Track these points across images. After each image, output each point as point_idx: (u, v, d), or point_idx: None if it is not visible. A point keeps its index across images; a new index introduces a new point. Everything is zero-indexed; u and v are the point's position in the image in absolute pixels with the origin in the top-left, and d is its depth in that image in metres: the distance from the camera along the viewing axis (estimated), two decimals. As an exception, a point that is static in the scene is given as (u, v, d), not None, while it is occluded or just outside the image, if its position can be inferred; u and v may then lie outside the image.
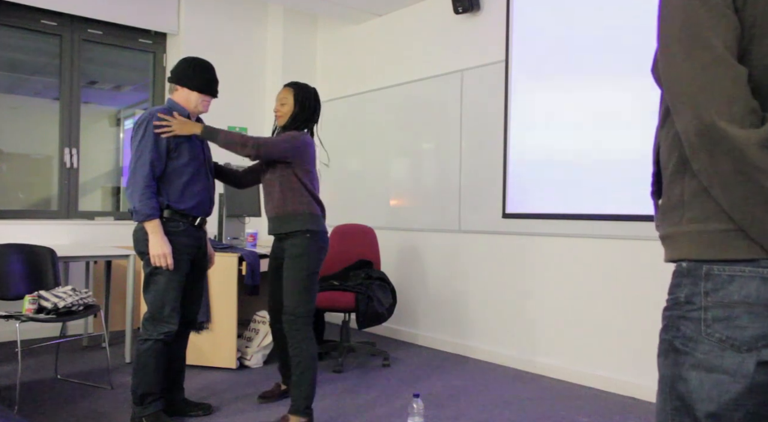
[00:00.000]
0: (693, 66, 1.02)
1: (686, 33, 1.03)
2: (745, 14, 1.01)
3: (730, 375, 1.02)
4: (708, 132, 1.00)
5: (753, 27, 1.01)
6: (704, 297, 1.05)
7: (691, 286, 1.07)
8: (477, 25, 4.56)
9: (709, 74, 1.00)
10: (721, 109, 0.99)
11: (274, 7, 5.81)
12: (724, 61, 0.99)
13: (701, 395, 1.04)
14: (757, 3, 1.00)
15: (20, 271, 3.57)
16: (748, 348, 1.01)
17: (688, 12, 1.03)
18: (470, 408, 3.32)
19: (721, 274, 1.03)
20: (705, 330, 1.05)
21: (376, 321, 4.06)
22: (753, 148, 0.96)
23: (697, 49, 1.01)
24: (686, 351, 1.06)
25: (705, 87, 1.00)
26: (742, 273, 1.02)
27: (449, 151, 4.73)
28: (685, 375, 1.06)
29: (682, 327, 1.08)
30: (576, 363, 3.86)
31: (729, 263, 1.03)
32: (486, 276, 4.44)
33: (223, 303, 3.93)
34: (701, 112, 1.00)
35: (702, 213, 1.06)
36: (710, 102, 1.00)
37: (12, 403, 3.15)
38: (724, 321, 1.03)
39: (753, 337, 1.01)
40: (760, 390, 1.01)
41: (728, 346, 1.02)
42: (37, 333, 4.61)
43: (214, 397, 3.40)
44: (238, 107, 5.54)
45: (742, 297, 1.01)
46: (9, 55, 4.90)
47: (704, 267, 1.05)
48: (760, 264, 1.01)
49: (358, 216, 5.26)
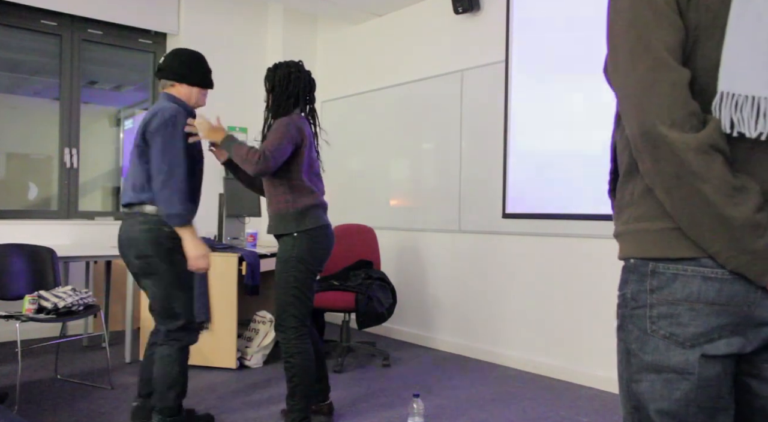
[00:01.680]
0: (636, 69, 1.04)
1: (630, 36, 1.05)
2: (689, 17, 1.02)
3: (678, 374, 1.04)
4: (649, 135, 1.02)
5: (697, 29, 1.02)
6: (649, 294, 1.07)
7: (637, 283, 1.09)
8: (477, 25, 4.56)
9: (650, 78, 1.02)
10: (661, 113, 1.00)
11: (274, 7, 5.81)
12: (665, 64, 1.01)
13: (653, 395, 1.07)
14: (700, 5, 1.01)
15: (20, 271, 3.57)
16: (691, 345, 1.03)
17: (633, 15, 1.05)
18: (470, 408, 3.32)
19: (665, 272, 1.06)
20: (650, 327, 1.07)
21: (376, 321, 4.05)
22: (690, 154, 0.98)
23: (639, 52, 1.03)
24: (636, 352, 1.09)
25: (646, 90, 1.02)
26: (685, 272, 1.04)
27: (449, 151, 4.73)
28: (637, 376, 1.09)
29: (630, 325, 1.11)
30: (576, 363, 3.86)
31: (673, 261, 1.05)
32: (486, 276, 4.44)
33: (223, 303, 3.93)
34: (642, 115, 1.03)
35: (648, 213, 1.09)
36: (651, 106, 1.02)
37: (12, 403, 3.14)
38: (668, 318, 1.05)
39: (695, 334, 1.03)
40: (709, 384, 1.04)
41: (673, 343, 1.05)
42: (37, 333, 4.61)
43: (214, 397, 3.40)
44: (238, 107, 5.53)
45: (685, 295, 1.04)
46: (9, 55, 4.90)
47: (650, 265, 1.07)
48: (701, 263, 1.03)
49: (358, 216, 5.26)
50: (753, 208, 0.98)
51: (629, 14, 1.05)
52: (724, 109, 1.00)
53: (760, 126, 0.99)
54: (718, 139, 0.98)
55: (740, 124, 0.99)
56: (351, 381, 3.80)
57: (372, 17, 5.45)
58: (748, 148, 1.02)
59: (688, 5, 1.02)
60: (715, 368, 1.04)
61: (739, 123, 0.99)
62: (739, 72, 0.99)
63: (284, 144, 2.66)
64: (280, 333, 2.76)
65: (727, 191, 0.98)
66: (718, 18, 1.00)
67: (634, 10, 1.04)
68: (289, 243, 2.75)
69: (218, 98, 5.52)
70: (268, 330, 4.08)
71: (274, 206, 2.78)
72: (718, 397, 1.05)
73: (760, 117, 0.99)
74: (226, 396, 3.43)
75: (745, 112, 0.99)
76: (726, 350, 1.03)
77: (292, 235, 2.74)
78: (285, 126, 2.71)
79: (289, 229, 2.75)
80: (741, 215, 0.97)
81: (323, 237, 2.80)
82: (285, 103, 2.83)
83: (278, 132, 2.68)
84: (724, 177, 0.98)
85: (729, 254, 1.00)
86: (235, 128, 5.48)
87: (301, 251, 2.73)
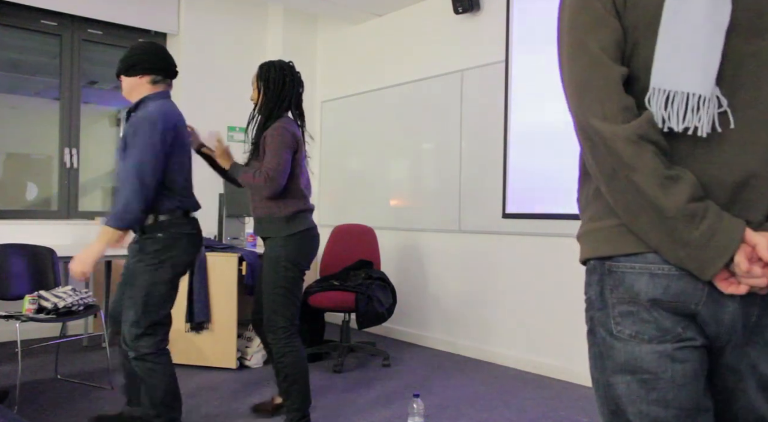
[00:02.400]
0: (573, 68, 1.08)
1: (569, 37, 1.09)
2: (627, 17, 1.05)
3: (652, 373, 1.03)
4: (584, 129, 1.05)
5: (636, 29, 1.05)
6: (610, 293, 1.08)
7: (597, 284, 1.10)
8: (477, 25, 4.56)
9: (585, 75, 1.05)
10: (593, 107, 1.03)
11: (274, 7, 5.81)
12: (598, 61, 1.04)
13: (630, 398, 1.06)
14: (637, 7, 1.04)
15: (20, 271, 3.58)
16: (659, 341, 1.03)
17: (572, 17, 1.09)
18: (470, 408, 3.32)
19: (618, 270, 1.06)
20: (616, 328, 1.07)
21: (376, 321, 4.05)
22: (620, 143, 1.00)
23: (577, 51, 1.07)
24: (608, 354, 1.09)
25: (581, 87, 1.06)
26: (633, 270, 1.04)
27: (449, 151, 4.73)
28: (612, 380, 1.08)
29: (598, 327, 1.11)
30: (576, 363, 3.86)
31: (624, 258, 1.05)
32: (486, 276, 4.44)
33: (223, 303, 3.93)
34: (578, 110, 1.06)
35: (598, 212, 1.10)
36: (584, 100, 1.05)
37: (12, 403, 3.14)
38: (630, 316, 1.05)
39: (660, 330, 1.03)
40: (685, 382, 1.03)
41: (640, 342, 1.04)
42: (37, 333, 4.61)
43: (214, 397, 3.40)
44: (238, 107, 5.53)
45: (636, 293, 1.04)
46: (9, 55, 4.90)
47: (606, 264, 1.08)
48: (647, 259, 1.03)
49: (358, 216, 5.26)
50: (686, 198, 0.97)
51: (569, 18, 1.09)
52: (654, 103, 1.02)
53: (687, 120, 1.00)
54: (649, 130, 1.00)
55: (668, 119, 1.01)
56: (351, 381, 3.80)
57: (372, 17, 5.45)
58: (691, 144, 1.03)
59: (625, 7, 1.05)
60: (689, 365, 1.02)
61: (667, 117, 1.01)
62: (669, 69, 1.01)
63: (283, 157, 2.68)
64: (270, 333, 2.76)
65: (659, 180, 0.98)
66: (654, 19, 1.03)
67: (573, 14, 1.09)
68: (278, 243, 2.76)
69: (218, 98, 5.54)
70: (268, 330, 4.08)
71: (263, 209, 2.79)
72: (698, 397, 1.03)
73: (688, 112, 1.00)
74: (226, 396, 3.43)
75: (674, 107, 1.01)
76: (695, 343, 1.03)
77: (281, 237, 2.76)
78: (280, 136, 2.69)
79: (278, 232, 2.76)
80: (673, 205, 0.97)
81: (310, 239, 2.83)
82: (278, 107, 2.82)
83: (274, 145, 2.68)
84: (655, 167, 0.99)
85: (668, 247, 0.99)
86: (235, 128, 5.48)
87: (289, 251, 2.75)
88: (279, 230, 2.76)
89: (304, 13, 5.86)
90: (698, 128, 1.00)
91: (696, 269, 0.98)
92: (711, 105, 1.00)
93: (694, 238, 0.97)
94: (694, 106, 1.00)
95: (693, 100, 1.00)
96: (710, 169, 1.02)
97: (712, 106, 1.00)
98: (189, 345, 3.93)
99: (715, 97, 1.00)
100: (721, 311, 1.01)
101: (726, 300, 1.01)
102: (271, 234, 2.79)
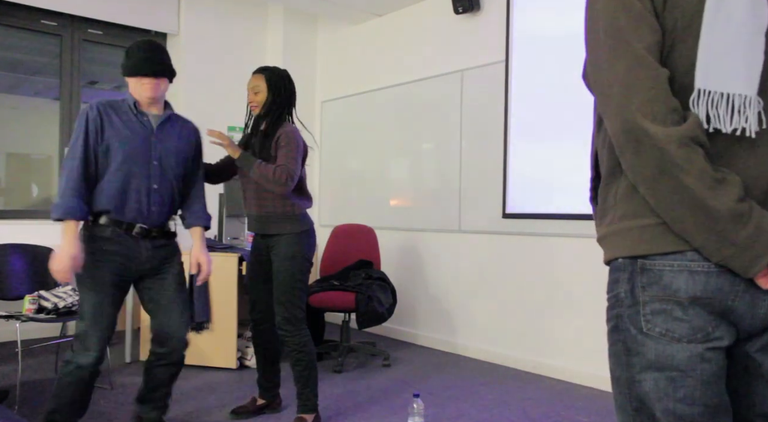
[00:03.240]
0: (616, 69, 1.06)
1: (610, 38, 1.08)
2: (666, 18, 1.05)
3: (681, 371, 1.05)
4: (631, 130, 1.04)
5: (674, 31, 1.05)
6: (642, 291, 1.08)
7: (628, 282, 1.10)
8: (477, 25, 4.56)
9: (631, 76, 1.04)
10: (643, 108, 1.03)
11: (274, 7, 5.81)
12: (644, 62, 1.04)
13: (658, 395, 1.06)
14: (675, 8, 1.04)
15: (21, 271, 3.58)
16: (689, 340, 1.04)
17: (611, 18, 1.08)
18: (470, 408, 3.32)
19: (653, 269, 1.07)
20: (646, 326, 1.08)
21: (376, 321, 4.05)
22: (673, 146, 1.00)
23: (619, 52, 1.06)
24: (636, 351, 1.09)
25: (628, 88, 1.05)
26: (671, 268, 1.05)
27: (449, 151, 4.73)
28: (639, 377, 1.09)
29: (626, 326, 1.11)
30: (576, 363, 3.86)
31: (660, 256, 1.06)
32: (486, 276, 4.44)
33: (223, 303, 3.93)
34: (624, 112, 1.05)
35: (632, 210, 1.10)
36: (632, 102, 1.04)
37: (12, 403, 3.15)
38: (662, 314, 1.06)
39: (691, 328, 1.04)
40: (710, 381, 1.04)
41: (670, 340, 1.05)
42: (37, 333, 4.60)
43: (214, 397, 3.40)
44: (238, 107, 5.53)
45: (673, 290, 1.05)
46: (9, 55, 4.90)
47: (639, 262, 1.08)
48: (686, 257, 1.04)
49: (358, 217, 5.26)
50: (734, 199, 0.99)
51: (608, 17, 1.08)
52: (700, 105, 1.03)
53: (735, 121, 1.02)
54: (699, 133, 1.01)
55: (716, 120, 1.02)
56: (351, 381, 3.80)
57: (372, 17, 5.45)
58: (728, 144, 1.04)
59: (664, 8, 1.05)
60: (715, 363, 1.05)
61: (714, 118, 1.02)
62: (714, 70, 1.02)
63: (299, 159, 2.81)
64: (290, 326, 2.83)
65: (709, 183, 1.00)
66: (693, 20, 1.03)
67: (612, 14, 1.07)
68: (292, 240, 2.85)
69: (218, 98, 5.54)
70: (268, 330, 4.08)
71: (279, 207, 2.86)
72: (721, 395, 1.06)
73: (735, 113, 1.01)
74: (226, 396, 3.43)
75: (721, 108, 1.02)
76: (722, 343, 1.05)
77: (295, 234, 2.86)
78: (295, 140, 2.80)
79: (291, 229, 2.86)
80: (723, 206, 0.99)
81: (314, 236, 2.97)
82: (285, 112, 2.91)
83: (292, 148, 2.77)
84: (704, 169, 1.00)
85: (714, 246, 1.01)
86: (235, 128, 5.48)
87: (303, 248, 2.87)
88: (294, 227, 2.86)
89: (304, 13, 5.86)
90: (746, 129, 1.02)
91: (740, 268, 1.01)
92: (756, 106, 1.02)
93: (741, 238, 1.00)
94: (741, 107, 1.01)
95: (739, 100, 1.01)
96: (747, 168, 1.04)
97: (758, 106, 1.02)
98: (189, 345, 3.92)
99: (758, 98, 1.02)
100: (759, 305, 1.04)
101: (762, 294, 1.04)
102: (283, 232, 2.86)
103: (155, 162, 2.50)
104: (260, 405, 3.15)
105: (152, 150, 2.49)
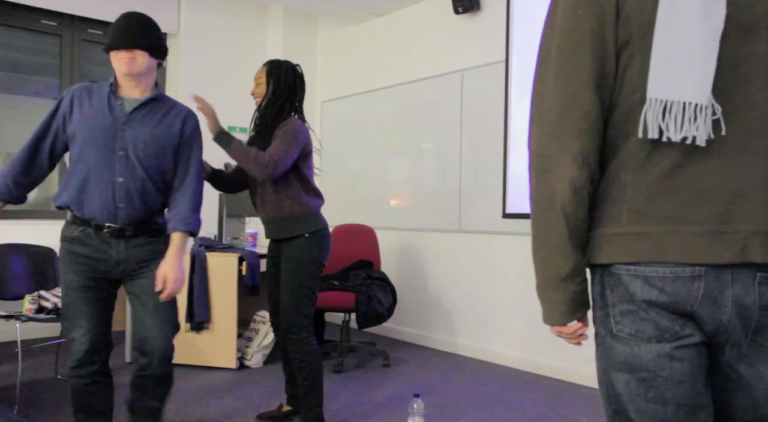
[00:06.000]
0: (557, 96, 1.09)
1: (557, 61, 1.09)
2: (620, 32, 1.05)
3: (650, 371, 1.05)
4: (547, 157, 1.10)
5: (630, 42, 1.05)
6: (610, 293, 1.10)
7: (599, 284, 1.13)
8: (477, 25, 4.56)
9: (565, 108, 1.08)
10: (565, 145, 1.08)
11: (274, 7, 5.81)
12: (578, 99, 1.07)
13: (630, 396, 1.08)
14: (630, 19, 1.04)
15: (20, 271, 3.58)
16: (658, 340, 1.05)
17: (560, 39, 1.09)
18: (470, 408, 3.32)
19: (616, 272, 1.09)
20: (616, 327, 1.09)
21: (376, 321, 4.06)
22: (567, 194, 1.10)
23: (563, 81, 1.08)
24: (608, 354, 1.11)
25: (561, 118, 1.08)
26: (628, 272, 1.07)
27: (449, 151, 4.73)
28: (614, 378, 1.11)
29: (600, 327, 1.14)
30: (576, 363, 3.86)
31: (620, 264, 1.09)
32: (486, 276, 4.44)
33: (223, 303, 3.93)
34: (551, 138, 1.10)
35: (597, 219, 1.14)
36: (560, 135, 1.08)
37: (12, 403, 3.14)
38: (630, 314, 1.07)
39: (659, 328, 1.05)
40: (683, 380, 1.04)
41: (639, 340, 1.06)
42: (37, 333, 4.60)
43: (214, 397, 3.40)
44: (238, 107, 5.53)
45: (631, 293, 1.07)
46: (9, 55, 4.90)
47: (609, 267, 1.11)
48: (641, 265, 1.06)
49: (358, 217, 5.26)
50: (570, 269, 1.15)
51: (559, 37, 1.09)
52: (650, 114, 1.02)
53: (685, 130, 1.00)
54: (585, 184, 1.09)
55: (667, 129, 1.01)
56: (351, 381, 3.80)
57: (372, 17, 5.45)
58: (683, 154, 1.03)
59: (617, 21, 1.04)
60: (687, 363, 1.04)
61: (666, 128, 1.01)
62: (665, 78, 1.01)
63: (292, 152, 2.66)
64: (293, 334, 2.72)
65: (565, 251, 1.15)
66: (648, 30, 1.03)
67: (564, 35, 1.08)
68: (302, 243, 2.74)
69: (218, 98, 5.53)
70: (268, 330, 4.07)
71: (281, 211, 2.74)
72: (696, 394, 1.05)
73: (685, 122, 1.00)
74: (226, 396, 3.43)
75: (672, 117, 1.01)
76: (693, 340, 1.04)
77: (305, 236, 2.74)
78: (296, 133, 2.69)
79: (302, 230, 2.74)
80: (559, 270, 1.16)
81: (329, 237, 2.85)
82: (288, 107, 2.81)
83: (288, 138, 2.65)
84: (577, 227, 1.13)
85: (539, 288, 1.27)
86: (235, 128, 5.47)
87: (313, 251, 2.75)
88: (305, 227, 2.74)
89: (304, 13, 5.86)
90: (696, 137, 1.00)
91: (544, 316, 1.25)
92: (708, 113, 1.00)
93: (553, 297, 1.19)
94: (691, 116, 1.00)
95: (690, 109, 1.00)
96: (705, 178, 1.02)
97: (709, 115, 1.00)
98: (189, 345, 3.93)
99: (711, 105, 1.01)
100: (718, 311, 1.02)
101: (723, 301, 1.02)
102: (295, 234, 2.74)
103: (121, 152, 2.19)
104: (286, 411, 3.04)
105: (118, 138, 2.19)
